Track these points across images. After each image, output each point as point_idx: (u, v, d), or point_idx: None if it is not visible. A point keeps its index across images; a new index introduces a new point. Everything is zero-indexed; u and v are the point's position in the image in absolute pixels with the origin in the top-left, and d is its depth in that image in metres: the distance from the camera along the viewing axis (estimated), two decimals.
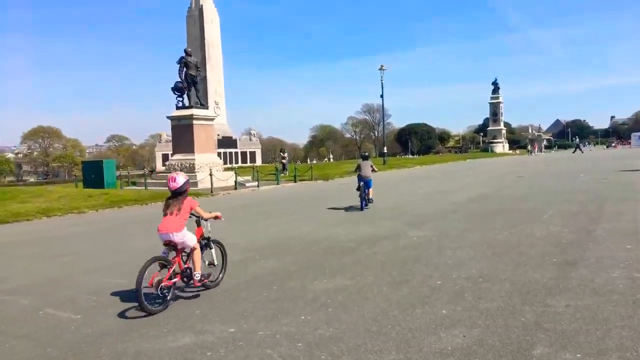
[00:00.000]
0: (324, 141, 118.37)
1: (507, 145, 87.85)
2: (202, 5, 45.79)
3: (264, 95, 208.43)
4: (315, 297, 5.40)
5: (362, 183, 13.31)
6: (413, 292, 5.38)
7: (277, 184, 25.47)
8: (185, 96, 25.54)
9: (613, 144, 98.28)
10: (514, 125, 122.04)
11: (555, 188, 16.25)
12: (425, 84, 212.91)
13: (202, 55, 45.24)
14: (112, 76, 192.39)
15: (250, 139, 54.42)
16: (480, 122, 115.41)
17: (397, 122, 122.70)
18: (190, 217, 5.71)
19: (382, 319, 4.57)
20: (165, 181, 6.93)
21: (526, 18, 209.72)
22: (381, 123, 77.73)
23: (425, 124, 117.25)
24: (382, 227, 10.09)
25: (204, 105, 27.62)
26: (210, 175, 21.82)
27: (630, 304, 4.57)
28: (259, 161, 52.27)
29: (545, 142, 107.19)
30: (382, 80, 43.47)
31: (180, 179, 5.65)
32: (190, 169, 24.47)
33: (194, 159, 24.64)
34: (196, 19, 46.07)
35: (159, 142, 49.59)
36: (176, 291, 5.51)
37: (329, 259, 7.36)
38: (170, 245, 5.47)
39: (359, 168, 13.67)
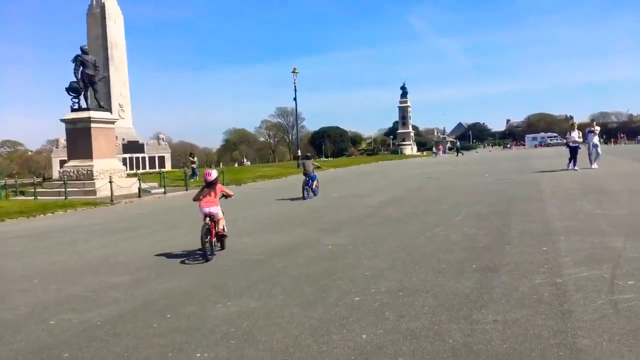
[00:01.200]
0: (237, 145, 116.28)
1: (415, 148, 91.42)
2: (103, 3, 42.82)
3: (176, 99, 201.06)
4: (216, 326, 4.59)
5: (306, 178, 16.50)
6: (329, 313, 4.75)
7: (186, 190, 24.02)
8: (82, 97, 23.44)
9: (509, 145, 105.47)
10: (421, 128, 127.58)
11: (464, 189, 16.55)
12: (338, 88, 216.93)
13: (105, 55, 42.34)
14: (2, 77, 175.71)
15: (159, 143, 51.68)
16: (390, 125, 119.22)
17: (311, 125, 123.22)
18: (221, 197, 8.33)
19: (294, 350, 3.88)
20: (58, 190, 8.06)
21: (431, 27, 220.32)
22: (295, 126, 77.62)
23: (338, 128, 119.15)
24: (295, 236, 9.44)
25: (103, 107, 25.58)
26: (110, 182, 20.02)
27: (559, 316, 4.24)
28: (168, 166, 49.72)
29: (449, 144, 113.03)
30: (295, 83, 43.08)
31: (214, 173, 8.31)
32: (87, 176, 22.43)
33: (92, 165, 22.60)
34: (98, 17, 43.02)
35: (56, 147, 45.63)
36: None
37: (235, 275, 6.57)
38: (210, 215, 7.85)
39: (303, 166, 17.10)
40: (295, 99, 43.30)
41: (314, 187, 16.75)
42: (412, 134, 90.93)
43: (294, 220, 11.70)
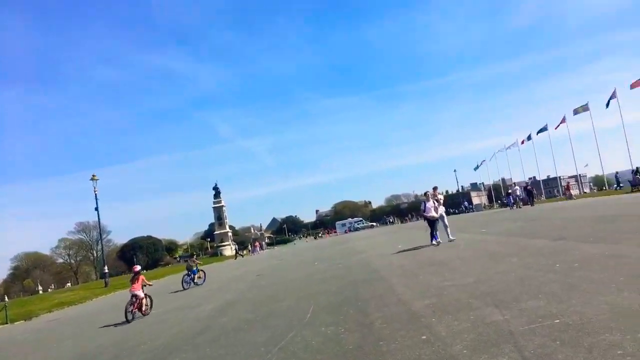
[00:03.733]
0: (29, 271, 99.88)
1: (234, 247, 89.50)
2: None
3: None
4: None
5: (187, 272, 21.10)
6: None
7: None
8: None
9: (320, 234, 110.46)
10: (238, 227, 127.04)
11: (300, 280, 15.38)
12: (148, 196, 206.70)
13: None
14: None
15: None
16: (207, 227, 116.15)
17: (120, 238, 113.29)
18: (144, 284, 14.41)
19: None
20: None
21: (235, 130, 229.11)
22: (100, 240, 69.39)
23: (151, 237, 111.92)
24: None
25: None
26: None
27: None
28: None
29: (266, 240, 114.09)
30: (95, 191, 38.62)
31: (139, 267, 15.12)
32: None
33: None
34: None
35: None
36: None
37: None
38: (136, 296, 13.70)
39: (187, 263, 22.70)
40: (97, 209, 38.65)
41: (196, 279, 22.33)
42: (229, 234, 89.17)
43: (104, 352, 8.89)
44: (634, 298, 5.47)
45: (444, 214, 17.95)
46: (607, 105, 49.43)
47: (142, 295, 14.01)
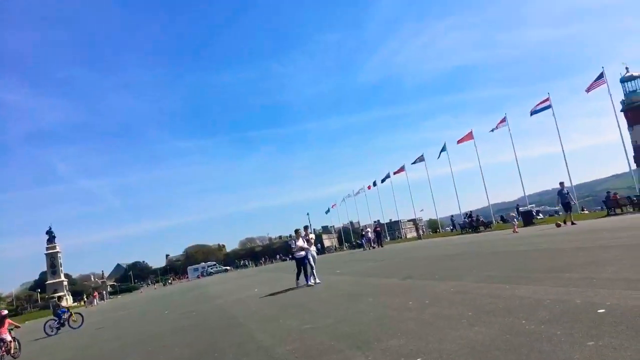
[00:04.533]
0: None
1: (70, 298, 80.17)
2: None
3: None
4: None
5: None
6: None
7: None
8: None
9: (170, 281, 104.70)
10: (75, 275, 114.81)
11: (149, 332, 14.04)
12: None
13: None
14: None
15: None
16: (37, 277, 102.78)
17: None
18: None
19: None
20: None
21: (75, 169, 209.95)
22: None
23: None
24: None
25: None
26: None
27: None
28: None
29: (109, 289, 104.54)
30: None
31: (5, 312, 14.74)
32: None
33: None
34: None
35: None
36: None
37: None
38: (3, 340, 13.83)
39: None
40: None
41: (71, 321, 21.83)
42: (65, 283, 79.98)
43: None
44: (485, 332, 5.82)
45: (314, 255, 17.33)
46: (439, 156, 55.77)
47: (9, 338, 14.43)
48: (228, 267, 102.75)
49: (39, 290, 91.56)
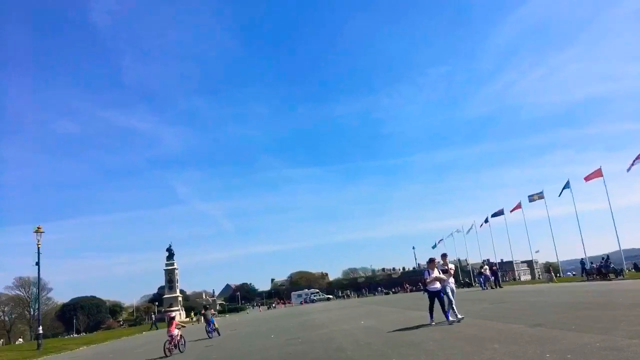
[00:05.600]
0: None
1: (184, 313, 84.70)
2: None
3: None
4: None
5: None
6: None
7: None
8: None
9: (274, 305, 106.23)
10: (189, 292, 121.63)
11: (256, 354, 13.90)
12: (95, 254, 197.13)
13: None
14: None
15: None
16: (155, 290, 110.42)
17: (62, 296, 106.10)
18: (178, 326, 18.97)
19: None
20: None
21: (194, 192, 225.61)
22: (37, 297, 63.91)
23: (95, 297, 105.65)
24: None
25: None
26: None
27: None
28: None
29: (218, 307, 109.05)
30: (38, 245, 35.84)
31: (173, 314, 26.01)
32: None
33: None
34: None
35: None
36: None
37: None
38: (172, 334, 18.08)
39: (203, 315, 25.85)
40: (37, 263, 35.73)
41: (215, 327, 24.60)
42: (180, 299, 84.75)
43: None
44: None
45: (453, 287, 14.82)
46: (560, 194, 51.33)
47: (177, 334, 18.34)
48: (330, 296, 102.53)
49: (157, 303, 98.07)
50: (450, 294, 14.52)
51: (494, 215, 64.61)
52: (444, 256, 15.72)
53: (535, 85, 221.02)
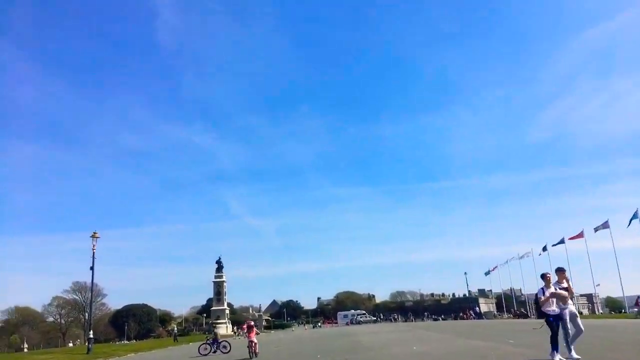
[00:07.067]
0: (18, 327, 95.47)
1: (230, 326, 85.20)
2: None
3: None
4: None
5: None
6: None
7: None
8: None
9: (320, 324, 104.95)
10: (236, 305, 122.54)
11: None
12: (149, 263, 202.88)
13: None
14: None
15: None
16: (204, 302, 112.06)
17: (116, 303, 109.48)
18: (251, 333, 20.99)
19: None
20: None
21: (245, 208, 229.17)
22: (90, 301, 65.90)
23: (146, 305, 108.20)
24: None
25: None
26: None
27: None
28: None
29: (264, 322, 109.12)
30: (94, 249, 36.79)
31: (252, 322, 22.46)
32: None
33: None
34: None
35: None
36: None
37: None
38: (252, 340, 20.68)
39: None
40: (92, 268, 36.71)
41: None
42: (227, 312, 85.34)
43: None
44: None
45: (575, 312, 11.31)
46: (629, 224, 48.42)
47: (256, 341, 20.67)
48: (376, 318, 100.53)
49: (205, 315, 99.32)
50: (569, 323, 10.98)
51: (555, 244, 61.64)
52: (560, 271, 11.64)
53: (597, 112, 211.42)
